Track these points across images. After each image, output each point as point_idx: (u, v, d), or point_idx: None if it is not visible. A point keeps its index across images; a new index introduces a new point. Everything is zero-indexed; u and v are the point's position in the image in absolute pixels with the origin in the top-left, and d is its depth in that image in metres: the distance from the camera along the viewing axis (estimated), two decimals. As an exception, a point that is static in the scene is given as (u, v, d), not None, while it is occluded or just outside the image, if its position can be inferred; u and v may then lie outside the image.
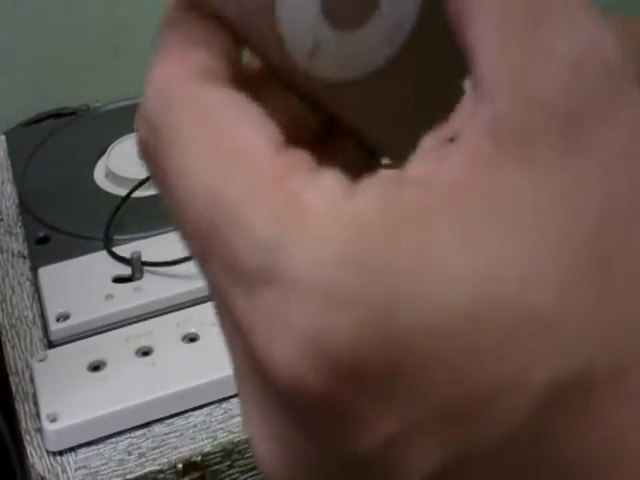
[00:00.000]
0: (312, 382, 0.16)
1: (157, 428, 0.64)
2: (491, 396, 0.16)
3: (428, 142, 0.18)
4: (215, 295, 0.18)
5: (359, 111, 0.21)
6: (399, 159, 0.19)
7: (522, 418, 0.16)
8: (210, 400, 0.65)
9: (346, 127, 0.22)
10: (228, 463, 0.64)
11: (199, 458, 0.63)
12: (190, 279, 0.71)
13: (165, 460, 0.62)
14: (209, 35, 0.19)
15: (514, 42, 0.17)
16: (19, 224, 0.81)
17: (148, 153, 0.19)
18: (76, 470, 0.61)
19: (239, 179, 0.17)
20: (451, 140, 0.18)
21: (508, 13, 0.17)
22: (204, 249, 0.17)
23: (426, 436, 0.16)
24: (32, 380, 0.66)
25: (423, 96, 0.22)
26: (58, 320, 0.68)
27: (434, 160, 0.17)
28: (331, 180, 0.17)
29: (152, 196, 0.81)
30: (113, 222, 0.78)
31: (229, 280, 0.17)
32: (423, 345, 0.16)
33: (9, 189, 0.85)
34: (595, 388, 0.16)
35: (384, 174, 0.17)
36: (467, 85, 0.19)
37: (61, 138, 0.90)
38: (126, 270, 0.71)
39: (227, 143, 0.18)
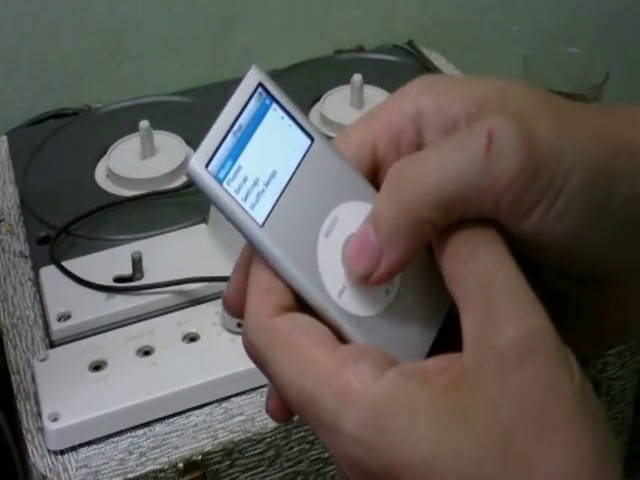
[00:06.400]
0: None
1: (158, 427, 0.64)
2: None
3: (432, 363, 0.30)
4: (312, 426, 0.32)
5: (375, 339, 0.32)
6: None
7: None
8: (210, 400, 0.66)
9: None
10: (228, 462, 0.64)
11: (200, 457, 0.63)
12: (189, 279, 0.71)
13: (166, 459, 0.62)
14: (278, 284, 0.32)
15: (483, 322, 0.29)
16: (20, 224, 0.81)
17: (253, 358, 0.32)
18: (77, 469, 0.61)
19: (312, 374, 0.30)
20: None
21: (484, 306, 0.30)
22: (298, 410, 0.31)
23: None
24: (33, 380, 0.66)
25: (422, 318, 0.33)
26: (59, 320, 0.69)
27: (436, 368, 0.30)
28: (367, 366, 0.30)
29: (152, 196, 0.81)
30: (113, 222, 0.79)
31: (315, 425, 0.30)
32: (403, 469, 0.29)
33: (11, 189, 0.86)
34: None
35: (403, 366, 0.30)
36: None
37: (62, 138, 0.90)
38: (127, 270, 0.72)
39: (300, 355, 0.30)
